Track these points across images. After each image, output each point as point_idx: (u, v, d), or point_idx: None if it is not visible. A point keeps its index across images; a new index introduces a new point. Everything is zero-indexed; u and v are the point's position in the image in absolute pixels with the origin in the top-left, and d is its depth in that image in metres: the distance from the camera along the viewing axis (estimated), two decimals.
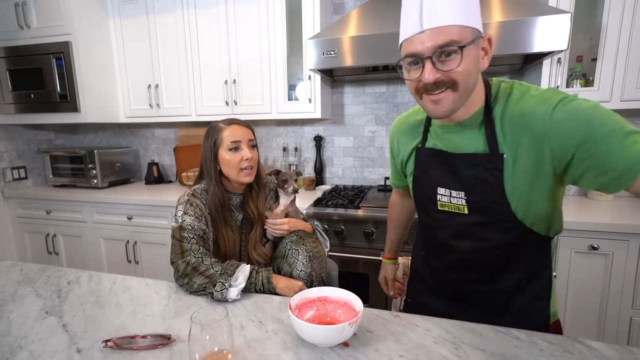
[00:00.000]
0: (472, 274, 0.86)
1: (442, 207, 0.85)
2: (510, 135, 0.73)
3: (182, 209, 1.04)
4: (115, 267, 2.26)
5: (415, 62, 0.69)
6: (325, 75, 2.05)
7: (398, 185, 1.12)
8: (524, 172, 0.72)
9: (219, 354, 0.63)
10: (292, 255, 1.05)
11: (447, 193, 0.83)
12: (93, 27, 2.26)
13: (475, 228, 0.81)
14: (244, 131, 1.09)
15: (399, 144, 0.97)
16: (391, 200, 1.22)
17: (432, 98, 0.71)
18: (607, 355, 0.66)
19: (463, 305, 0.91)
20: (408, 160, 0.94)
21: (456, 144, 0.80)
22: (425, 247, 0.99)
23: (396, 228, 1.22)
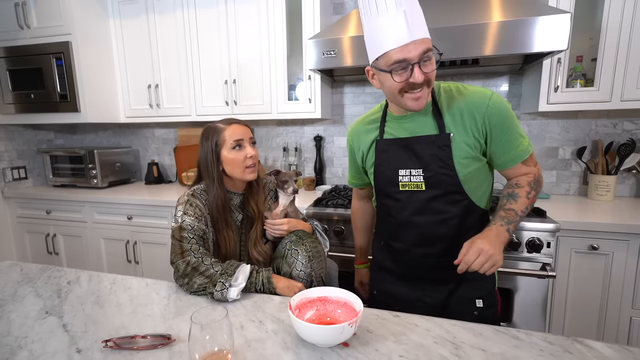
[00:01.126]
0: (431, 247, 0.99)
1: (403, 188, 0.98)
2: (454, 119, 0.92)
3: (181, 209, 1.04)
4: (115, 267, 2.26)
5: (403, 67, 0.83)
6: (325, 75, 2.05)
7: (357, 184, 1.23)
8: (464, 148, 0.91)
9: (219, 354, 0.63)
10: (292, 256, 1.05)
11: (407, 173, 0.97)
12: (93, 27, 2.26)
13: (432, 202, 0.95)
14: (244, 129, 1.10)
15: (359, 142, 1.09)
16: (353, 208, 1.33)
17: (414, 96, 0.87)
18: (607, 355, 0.66)
19: (425, 282, 1.03)
20: (368, 153, 1.07)
21: (413, 130, 0.97)
22: (385, 234, 1.09)
23: (362, 233, 1.32)
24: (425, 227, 0.98)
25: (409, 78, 0.84)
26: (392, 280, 1.09)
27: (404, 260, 1.05)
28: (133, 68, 2.37)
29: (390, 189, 1.00)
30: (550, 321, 1.58)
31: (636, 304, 1.47)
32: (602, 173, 1.82)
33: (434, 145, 0.93)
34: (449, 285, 1.01)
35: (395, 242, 1.05)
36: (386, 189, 1.02)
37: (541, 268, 1.45)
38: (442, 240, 0.97)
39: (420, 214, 0.97)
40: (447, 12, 1.59)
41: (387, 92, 0.92)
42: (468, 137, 0.91)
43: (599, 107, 1.66)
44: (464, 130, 0.92)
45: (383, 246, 1.11)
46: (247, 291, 0.95)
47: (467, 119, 0.91)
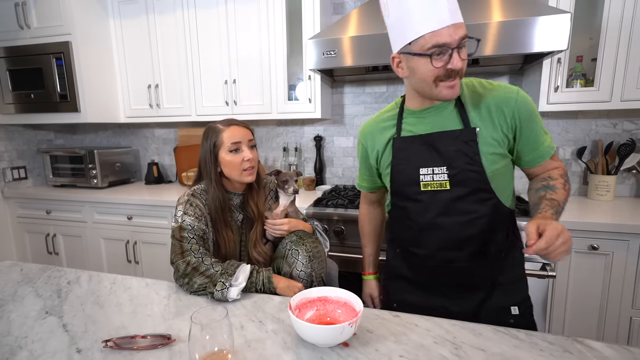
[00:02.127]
0: (459, 251, 0.91)
1: (426, 187, 0.91)
2: (479, 114, 0.88)
3: (181, 209, 1.04)
4: (115, 267, 2.26)
5: (441, 52, 0.78)
6: (325, 75, 2.05)
7: (368, 187, 1.16)
8: (492, 143, 0.87)
9: (219, 354, 0.63)
10: (292, 256, 1.05)
11: (429, 172, 0.90)
12: (93, 27, 2.26)
13: (458, 202, 0.89)
14: (244, 132, 1.09)
15: (373, 141, 1.03)
16: (361, 214, 1.25)
17: (449, 84, 0.82)
18: (607, 355, 0.66)
19: (451, 290, 0.95)
20: (384, 152, 1.00)
21: (434, 124, 0.91)
22: (402, 240, 1.02)
23: (372, 240, 1.24)
24: (451, 229, 0.90)
25: (446, 64, 0.79)
26: (411, 289, 1.01)
27: (426, 267, 0.97)
28: (133, 68, 2.37)
29: (410, 189, 0.94)
30: (550, 321, 1.58)
31: (636, 304, 1.47)
32: (602, 173, 1.82)
33: (458, 141, 0.87)
34: (479, 293, 0.93)
35: (415, 247, 0.97)
36: (405, 190, 0.95)
37: (541, 268, 1.44)
38: (470, 243, 0.90)
39: (446, 215, 0.90)
40: None
41: (418, 81, 0.85)
42: (496, 132, 0.87)
43: (599, 107, 1.66)
44: (491, 125, 0.87)
45: (399, 254, 1.04)
46: (248, 291, 0.95)
47: (496, 113, 0.87)
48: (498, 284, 0.93)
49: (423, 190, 0.91)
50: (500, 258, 0.92)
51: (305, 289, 0.94)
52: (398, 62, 0.87)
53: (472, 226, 0.89)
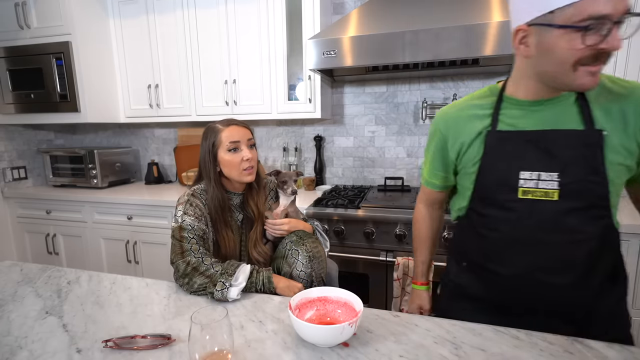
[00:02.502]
0: (557, 276, 0.76)
1: (525, 195, 0.76)
2: (608, 115, 0.73)
3: (181, 209, 1.04)
4: (115, 267, 2.26)
5: (597, 26, 0.61)
6: (325, 75, 2.05)
7: (438, 186, 0.98)
8: (622, 152, 0.72)
9: (219, 354, 0.63)
10: (292, 256, 1.05)
11: (533, 176, 0.75)
12: (93, 27, 2.26)
13: (566, 217, 0.74)
14: (243, 131, 1.09)
15: (457, 131, 0.86)
16: (417, 216, 1.10)
17: (593, 69, 0.66)
18: (607, 355, 0.66)
19: (536, 317, 0.80)
20: (470, 146, 0.84)
21: (547, 120, 0.75)
22: (477, 254, 0.87)
23: (427, 245, 1.10)
24: (552, 249, 0.75)
25: (600, 42, 0.62)
26: (483, 311, 0.86)
27: (508, 288, 0.82)
28: (133, 68, 2.37)
29: (502, 194, 0.79)
30: None
31: (636, 304, 1.47)
32: None
33: (579, 144, 0.72)
34: (571, 326, 0.78)
35: (497, 265, 0.82)
36: (495, 194, 0.80)
37: None
38: (573, 267, 0.75)
39: (548, 232, 0.75)
40: (447, 12, 1.59)
41: (550, 63, 0.68)
42: (629, 140, 0.72)
43: None
44: (623, 131, 0.72)
45: (465, 268, 0.90)
46: (247, 291, 0.95)
47: (633, 118, 0.71)
48: (595, 317, 0.78)
49: (521, 197, 0.76)
50: (604, 289, 0.78)
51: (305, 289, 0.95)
52: (522, 37, 0.70)
53: (579, 248, 0.74)
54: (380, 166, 2.33)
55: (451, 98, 2.08)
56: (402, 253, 1.65)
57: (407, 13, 1.67)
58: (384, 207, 1.73)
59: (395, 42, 1.59)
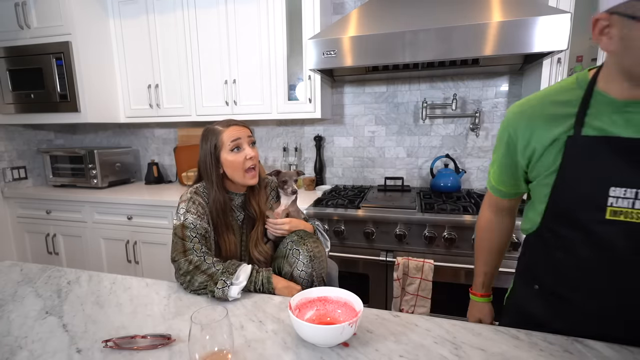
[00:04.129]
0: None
1: (615, 216, 0.64)
2: None
3: (184, 207, 1.04)
4: (115, 267, 2.26)
5: None
6: (325, 75, 2.05)
7: (506, 193, 0.88)
8: None
9: (219, 354, 0.63)
10: (293, 255, 1.05)
11: (629, 195, 0.62)
12: (93, 27, 2.26)
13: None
14: (243, 130, 1.09)
15: (531, 131, 0.73)
16: (483, 221, 0.97)
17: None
18: (607, 355, 0.66)
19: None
20: (545, 152, 0.72)
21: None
22: (552, 279, 0.76)
23: (492, 256, 0.97)
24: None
25: None
26: None
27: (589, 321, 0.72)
28: (133, 68, 2.37)
29: (585, 214, 0.67)
30: None
31: None
32: None
33: None
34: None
35: (577, 294, 0.72)
36: (576, 213, 0.69)
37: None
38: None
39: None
40: (447, 12, 1.59)
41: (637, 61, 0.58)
42: None
43: None
44: None
45: (538, 293, 0.79)
46: (247, 290, 0.95)
47: None
48: None
49: (609, 218, 0.64)
50: None
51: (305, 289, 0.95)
52: (603, 28, 0.61)
53: None
54: (380, 166, 2.33)
55: (451, 98, 2.08)
56: (402, 253, 1.65)
57: (407, 13, 1.67)
58: (384, 207, 1.73)
59: (395, 42, 1.59)
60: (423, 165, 2.25)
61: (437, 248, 1.62)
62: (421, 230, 1.63)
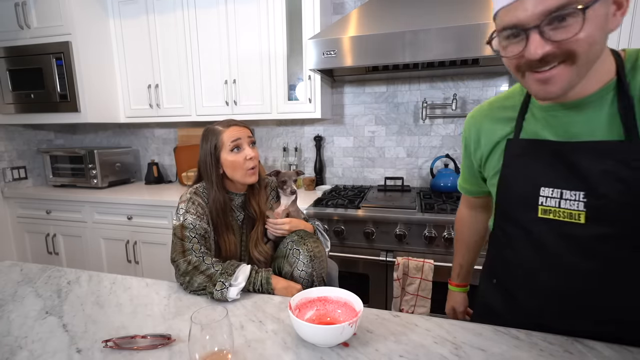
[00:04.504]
0: (584, 320, 0.67)
1: (545, 215, 0.66)
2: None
3: (184, 207, 1.04)
4: (115, 267, 2.26)
5: (516, 34, 0.55)
6: (325, 75, 2.05)
7: (470, 191, 0.93)
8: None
9: (219, 354, 0.63)
10: (293, 255, 1.05)
11: (555, 194, 0.64)
12: (93, 27, 2.26)
13: (596, 244, 0.62)
14: (243, 130, 1.09)
15: (479, 134, 0.78)
16: (459, 216, 1.03)
17: (539, 77, 0.56)
18: (607, 355, 0.66)
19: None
20: (490, 156, 0.76)
21: (573, 129, 0.63)
22: (506, 274, 0.79)
23: (466, 250, 1.02)
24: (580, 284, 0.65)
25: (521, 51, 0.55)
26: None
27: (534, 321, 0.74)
28: (133, 68, 2.37)
29: (521, 213, 0.70)
30: None
31: None
32: None
33: (613, 159, 0.59)
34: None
35: (520, 292, 0.75)
36: (515, 212, 0.71)
37: None
38: (606, 310, 0.65)
39: (576, 258, 0.65)
40: (447, 12, 1.59)
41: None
42: None
43: None
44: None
45: (497, 287, 0.82)
46: (246, 291, 0.95)
47: None
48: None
49: (541, 217, 0.66)
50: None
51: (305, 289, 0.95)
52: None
53: (617, 283, 0.63)
54: (380, 166, 2.33)
55: (451, 98, 2.08)
56: (402, 253, 1.65)
57: (407, 13, 1.67)
58: (384, 207, 1.73)
59: (395, 42, 1.59)
60: (423, 165, 2.25)
61: (437, 248, 1.62)
62: (421, 230, 1.63)
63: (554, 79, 0.56)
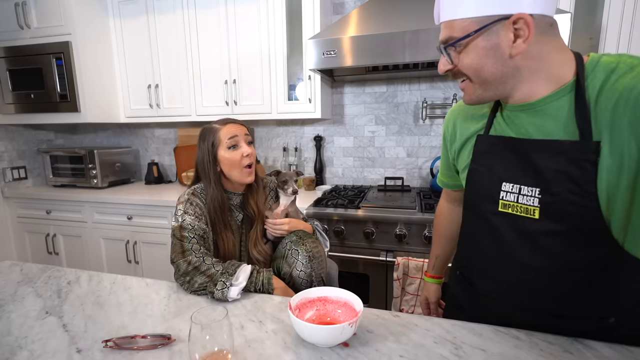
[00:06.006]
0: (539, 302, 0.70)
1: (504, 209, 0.70)
2: (608, 118, 0.57)
3: (182, 208, 1.04)
4: (115, 267, 2.26)
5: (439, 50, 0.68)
6: (325, 75, 2.05)
7: (447, 184, 0.98)
8: (623, 166, 0.57)
9: (219, 354, 0.63)
10: (292, 256, 1.05)
11: (514, 190, 0.68)
12: (93, 27, 2.26)
13: (548, 239, 0.65)
14: (240, 128, 1.10)
15: (457, 129, 0.83)
16: (439, 209, 1.07)
17: (460, 86, 0.70)
18: (607, 355, 0.66)
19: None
20: (462, 149, 0.81)
21: (531, 128, 0.66)
22: (464, 263, 0.84)
23: (443, 242, 1.06)
24: (529, 273, 0.69)
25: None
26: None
27: (491, 307, 0.77)
28: (133, 68, 2.37)
29: (483, 205, 0.74)
30: None
31: None
32: None
33: (564, 158, 0.61)
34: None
35: (479, 279, 0.79)
36: (479, 204, 0.75)
37: None
38: (558, 296, 0.68)
39: (529, 253, 0.68)
40: None
41: None
42: (629, 154, 0.56)
43: None
44: (630, 135, 0.56)
45: (459, 278, 0.86)
46: (247, 291, 0.95)
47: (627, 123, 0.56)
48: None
49: (500, 210, 0.70)
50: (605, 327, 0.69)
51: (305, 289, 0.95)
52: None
53: (561, 276, 0.66)
54: (380, 166, 2.33)
55: (451, 98, 2.08)
56: (402, 253, 1.65)
57: (407, 13, 1.67)
58: (384, 207, 1.73)
59: (395, 42, 1.59)
60: (423, 165, 2.25)
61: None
62: (421, 230, 1.63)
63: (464, 90, 0.69)
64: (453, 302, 0.89)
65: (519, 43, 0.60)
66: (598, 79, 0.60)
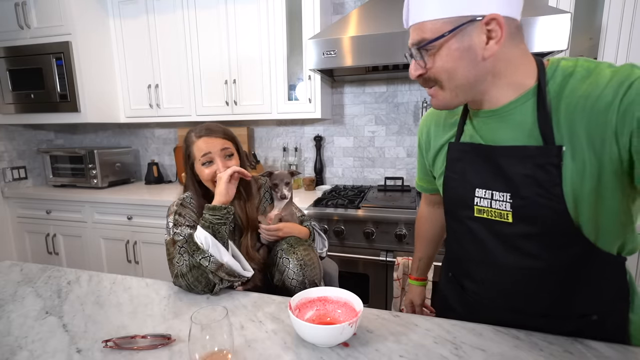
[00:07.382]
0: (526, 303, 0.72)
1: (480, 214, 0.71)
2: (568, 124, 0.59)
3: (171, 221, 1.03)
4: (115, 267, 2.26)
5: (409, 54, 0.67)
6: (325, 75, 2.05)
7: (425, 189, 0.99)
8: (585, 170, 0.59)
9: (219, 354, 0.63)
10: (283, 264, 1.02)
11: (487, 195, 0.69)
12: (93, 27, 2.26)
13: (523, 242, 0.67)
14: (214, 142, 1.04)
15: (430, 136, 0.84)
16: (419, 213, 1.09)
17: (428, 92, 0.70)
18: (607, 355, 0.66)
19: None
20: (436, 157, 0.82)
21: (498, 134, 0.67)
22: (454, 265, 0.86)
23: (425, 245, 1.08)
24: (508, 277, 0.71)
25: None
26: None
27: (481, 309, 0.79)
28: (133, 68, 2.37)
29: (461, 212, 0.75)
30: None
31: None
32: None
33: (531, 163, 0.62)
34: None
35: (468, 281, 0.81)
36: (456, 210, 0.77)
37: None
38: (538, 298, 0.71)
39: (507, 255, 0.70)
40: None
41: None
42: (591, 156, 0.58)
43: None
44: (580, 144, 0.58)
45: (451, 279, 0.88)
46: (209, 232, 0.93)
47: (585, 126, 0.57)
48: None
49: (476, 216, 0.72)
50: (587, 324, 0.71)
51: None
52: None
53: (538, 277, 0.68)
54: (381, 166, 2.33)
55: None
56: (402, 253, 1.65)
57: None
58: (384, 207, 1.73)
59: (395, 42, 1.59)
60: None
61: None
62: None
63: (434, 96, 0.68)
64: (444, 304, 0.90)
65: (491, 45, 0.60)
66: (557, 83, 0.61)
